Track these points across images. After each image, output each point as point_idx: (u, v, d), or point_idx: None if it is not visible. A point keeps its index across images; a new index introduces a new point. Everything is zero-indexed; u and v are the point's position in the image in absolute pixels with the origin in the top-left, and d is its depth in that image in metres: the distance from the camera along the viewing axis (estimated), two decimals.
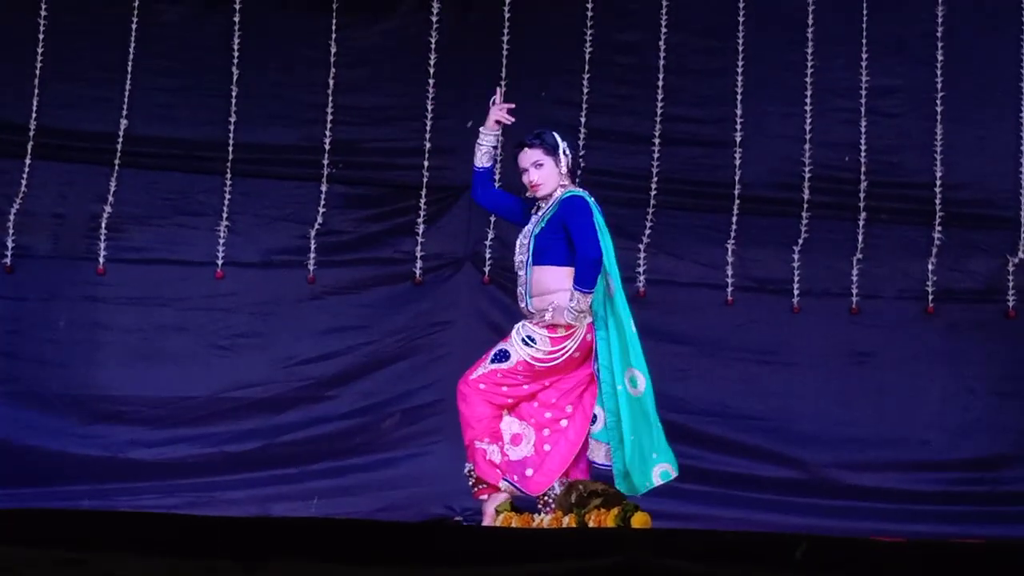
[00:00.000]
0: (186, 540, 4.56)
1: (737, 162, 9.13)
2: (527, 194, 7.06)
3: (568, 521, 6.52)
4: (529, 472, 6.91)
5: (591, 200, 6.87)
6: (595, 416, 6.87)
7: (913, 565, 4.73)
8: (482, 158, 7.16)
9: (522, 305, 6.95)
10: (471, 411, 6.91)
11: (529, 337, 6.85)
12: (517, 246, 7.06)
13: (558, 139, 6.99)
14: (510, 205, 7.26)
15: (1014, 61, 9.15)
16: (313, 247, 8.93)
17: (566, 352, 6.82)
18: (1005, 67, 9.19)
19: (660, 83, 9.13)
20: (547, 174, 6.93)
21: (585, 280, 6.68)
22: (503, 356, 6.88)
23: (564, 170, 6.95)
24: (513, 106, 7.12)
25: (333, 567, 4.48)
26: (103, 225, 8.79)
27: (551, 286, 6.82)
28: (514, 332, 6.92)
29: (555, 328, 6.81)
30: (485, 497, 6.95)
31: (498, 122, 7.11)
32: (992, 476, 8.95)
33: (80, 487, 8.46)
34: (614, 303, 6.81)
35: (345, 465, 8.78)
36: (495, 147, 7.19)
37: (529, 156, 6.97)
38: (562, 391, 6.93)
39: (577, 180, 7.10)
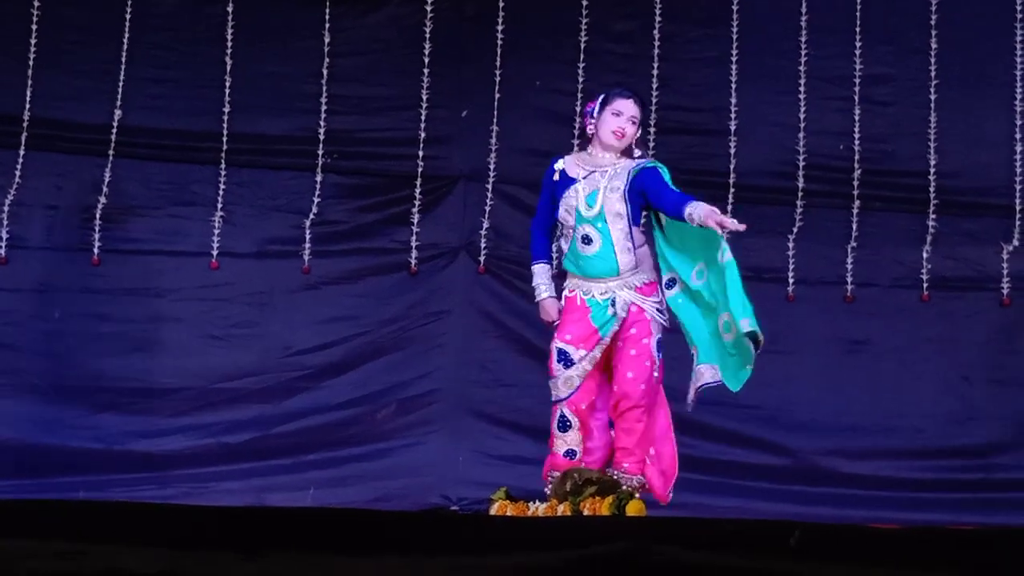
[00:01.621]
0: (183, 530, 4.57)
1: (732, 151, 9.13)
2: (610, 140, 6.81)
3: (563, 509, 6.54)
4: None
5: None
6: (692, 354, 6.85)
7: (906, 552, 4.75)
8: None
9: (603, 265, 6.76)
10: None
11: (658, 305, 6.80)
12: (581, 205, 6.80)
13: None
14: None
15: (1007, 49, 9.15)
16: (308, 237, 8.93)
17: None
18: (998, 55, 9.19)
19: (655, 72, 9.13)
20: (632, 134, 6.87)
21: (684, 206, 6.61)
22: (660, 346, 6.82)
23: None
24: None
25: (329, 557, 4.49)
26: (98, 216, 8.79)
27: (640, 241, 6.83)
28: (645, 311, 6.76)
29: (652, 284, 6.82)
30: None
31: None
32: (986, 464, 8.97)
33: (76, 478, 8.48)
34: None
35: (341, 455, 8.79)
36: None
37: (632, 109, 6.83)
38: None
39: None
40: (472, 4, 9.13)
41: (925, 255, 9.07)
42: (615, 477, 6.68)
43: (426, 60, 9.02)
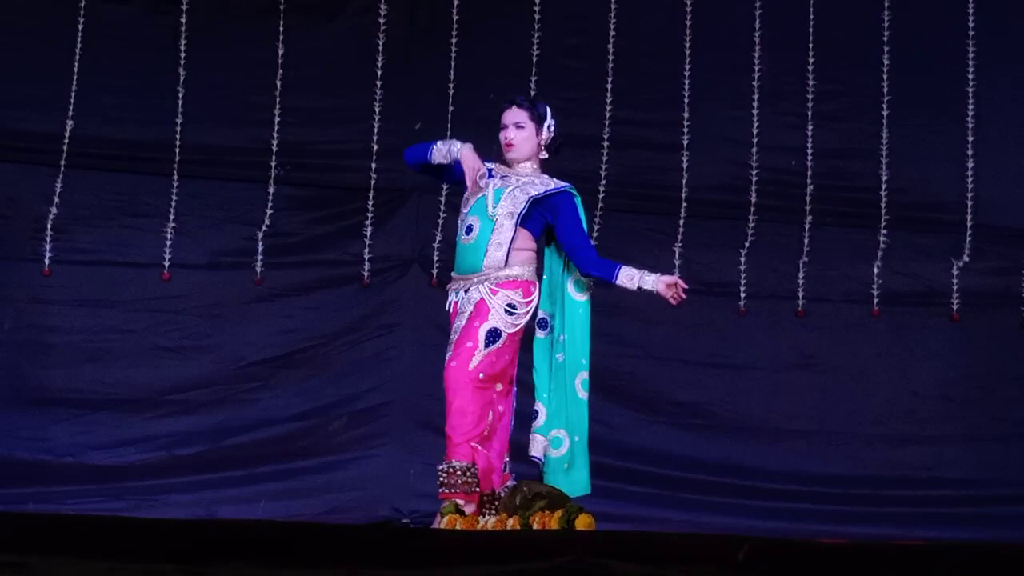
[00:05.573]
0: (128, 543, 4.54)
1: (685, 165, 9.15)
2: (497, 153, 6.87)
3: (512, 523, 6.52)
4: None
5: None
6: (536, 411, 6.81)
7: (853, 566, 4.76)
8: (436, 157, 6.87)
9: (478, 260, 6.68)
10: (470, 404, 6.57)
11: (510, 305, 6.64)
12: (473, 199, 6.76)
13: (548, 112, 6.85)
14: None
15: (959, 66, 9.22)
16: (260, 249, 8.90)
17: (533, 306, 6.75)
18: (950, 71, 9.26)
19: (608, 86, 9.14)
20: (525, 138, 6.80)
21: (610, 272, 6.70)
22: (495, 336, 6.60)
23: (543, 143, 6.83)
24: None
25: (279, 570, 4.47)
26: (49, 226, 8.73)
27: (528, 245, 6.73)
28: (489, 306, 6.63)
29: (528, 284, 6.70)
30: (462, 502, 6.66)
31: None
32: (934, 478, 9.03)
33: (26, 490, 8.41)
34: (576, 304, 6.81)
35: (292, 468, 8.76)
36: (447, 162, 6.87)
37: (514, 115, 6.83)
38: (509, 376, 6.81)
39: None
40: (425, 17, 9.13)
41: (876, 270, 9.12)
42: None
43: (379, 72, 9.01)
